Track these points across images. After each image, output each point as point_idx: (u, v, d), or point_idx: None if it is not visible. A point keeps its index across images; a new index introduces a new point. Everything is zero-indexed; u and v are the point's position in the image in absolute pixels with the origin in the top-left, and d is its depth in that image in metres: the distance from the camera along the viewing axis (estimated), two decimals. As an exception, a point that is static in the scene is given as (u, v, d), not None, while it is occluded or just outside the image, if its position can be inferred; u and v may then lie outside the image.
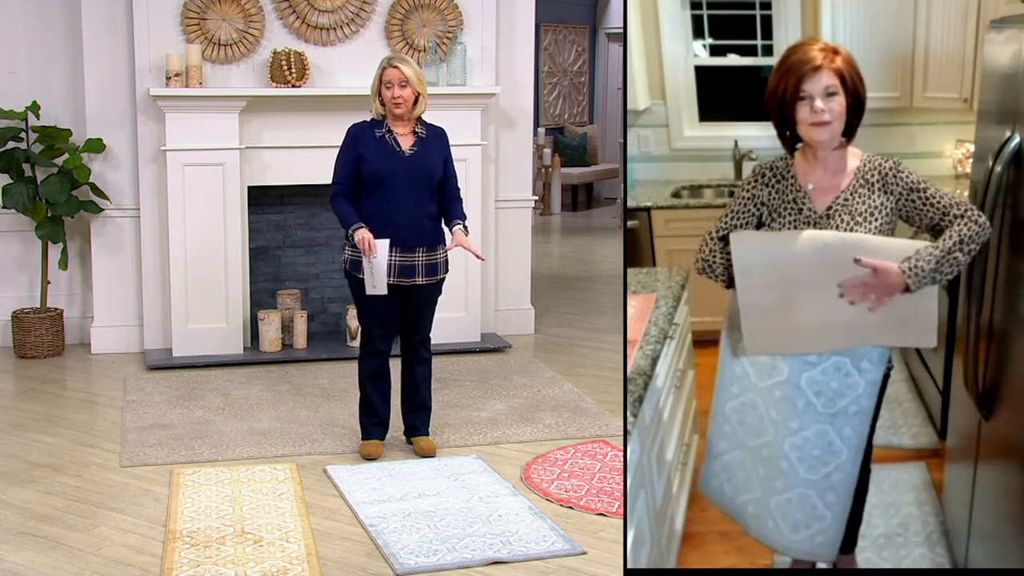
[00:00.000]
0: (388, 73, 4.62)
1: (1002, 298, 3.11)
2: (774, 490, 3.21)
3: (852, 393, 3.11)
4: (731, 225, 3.20)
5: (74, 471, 4.68)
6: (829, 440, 3.13)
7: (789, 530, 3.23)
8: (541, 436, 5.14)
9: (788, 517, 3.22)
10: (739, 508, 3.32)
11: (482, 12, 6.69)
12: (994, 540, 3.31)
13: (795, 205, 3.12)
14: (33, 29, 6.48)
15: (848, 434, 3.14)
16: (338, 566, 3.81)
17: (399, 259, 4.66)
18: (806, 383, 3.11)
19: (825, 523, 3.21)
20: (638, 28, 6.38)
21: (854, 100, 2.99)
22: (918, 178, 3.06)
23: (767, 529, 3.27)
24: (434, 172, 4.72)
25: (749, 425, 3.22)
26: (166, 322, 6.45)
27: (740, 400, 3.21)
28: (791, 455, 3.15)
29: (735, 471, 3.28)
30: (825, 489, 3.18)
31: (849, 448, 3.15)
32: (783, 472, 3.18)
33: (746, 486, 3.27)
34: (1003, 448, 3.14)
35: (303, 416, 5.39)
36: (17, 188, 6.25)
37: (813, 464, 3.15)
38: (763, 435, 3.19)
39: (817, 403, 3.11)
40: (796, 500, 3.19)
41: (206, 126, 6.22)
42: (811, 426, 3.13)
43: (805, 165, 3.13)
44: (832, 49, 2.98)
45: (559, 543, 3.97)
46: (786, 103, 2.99)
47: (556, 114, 13.84)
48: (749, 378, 3.19)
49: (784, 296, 3.04)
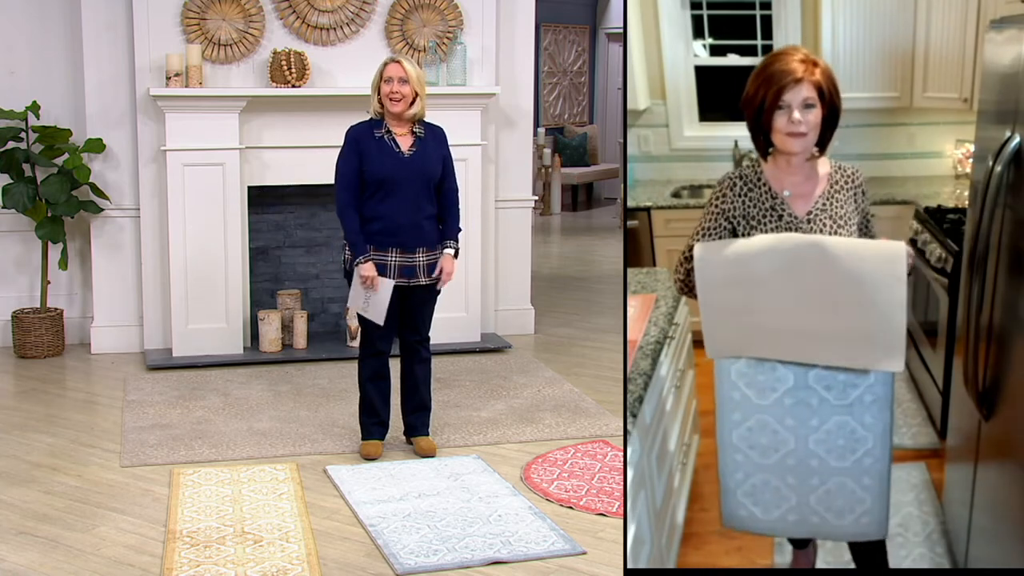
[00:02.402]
0: (389, 68, 4.62)
1: (1002, 298, 3.11)
2: (811, 488, 3.20)
3: (864, 383, 3.10)
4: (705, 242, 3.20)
5: (74, 471, 4.68)
6: (851, 429, 3.12)
7: (834, 518, 3.23)
8: (541, 436, 5.14)
9: (831, 507, 3.21)
10: (777, 524, 3.28)
11: (482, 12, 6.69)
12: (994, 540, 3.31)
13: (774, 212, 3.13)
14: (33, 29, 6.48)
15: (869, 422, 3.12)
16: (338, 566, 3.81)
17: (399, 260, 4.67)
18: (814, 380, 3.11)
19: (867, 505, 3.20)
20: (638, 28, 6.38)
21: (830, 112, 3.05)
22: (870, 207, 3.22)
23: (813, 525, 3.25)
24: (433, 173, 4.72)
25: (762, 446, 3.18)
26: (166, 322, 6.45)
27: (746, 426, 3.18)
28: (818, 450, 3.15)
29: (761, 494, 3.24)
30: (859, 474, 3.17)
31: (874, 435, 3.13)
32: (815, 469, 3.17)
33: (777, 501, 3.23)
34: (1003, 448, 3.14)
35: (303, 416, 5.39)
36: (17, 188, 6.25)
37: (841, 453, 3.15)
38: (782, 447, 3.16)
39: (829, 396, 3.11)
40: (835, 489, 3.19)
41: (206, 126, 6.22)
42: (830, 419, 3.13)
43: (777, 172, 3.16)
44: (812, 61, 3.02)
45: (559, 543, 3.97)
46: (764, 111, 3.03)
47: (556, 114, 13.84)
48: (751, 401, 3.16)
49: (744, 296, 3.04)
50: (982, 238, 3.13)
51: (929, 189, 6.05)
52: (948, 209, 5.44)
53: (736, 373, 3.17)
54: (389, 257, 4.66)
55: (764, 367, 3.14)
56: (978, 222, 3.15)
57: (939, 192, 5.97)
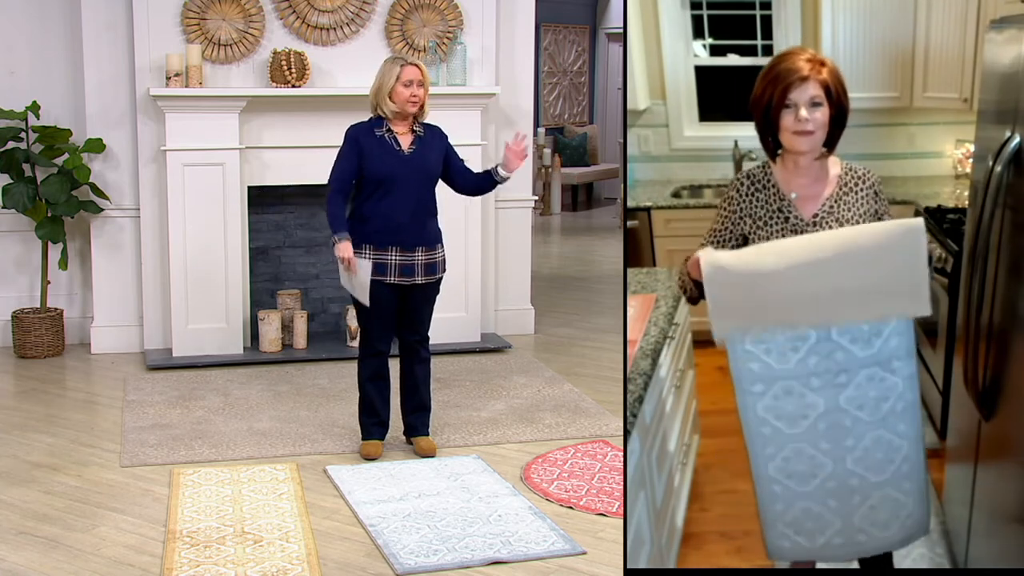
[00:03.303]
0: (408, 71, 4.63)
1: (1002, 298, 3.10)
2: (853, 507, 3.15)
3: (893, 393, 3.05)
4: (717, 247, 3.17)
5: (74, 471, 4.68)
6: (887, 440, 3.08)
7: (880, 531, 3.19)
8: (541, 436, 5.14)
9: (876, 521, 3.17)
10: (824, 549, 3.23)
11: (482, 12, 6.69)
12: (994, 540, 3.31)
13: (780, 214, 3.13)
14: (33, 29, 6.48)
15: (903, 430, 3.08)
16: (338, 566, 3.81)
17: (399, 259, 4.67)
18: (845, 402, 3.04)
19: (909, 508, 3.17)
20: (638, 28, 6.38)
21: (837, 111, 3.04)
22: (888, 208, 3.20)
23: (860, 544, 3.21)
24: (434, 171, 4.73)
25: (800, 474, 3.13)
26: (166, 322, 6.45)
27: (781, 456, 3.13)
28: (857, 469, 3.10)
29: (803, 522, 3.20)
30: (900, 481, 3.13)
31: (908, 440, 3.09)
32: (856, 488, 3.12)
33: (821, 526, 3.19)
34: (1003, 448, 3.14)
35: (303, 416, 5.39)
36: (17, 188, 6.25)
37: (881, 466, 3.10)
38: (820, 472, 3.12)
39: (863, 415, 3.05)
40: (878, 503, 3.15)
41: (206, 126, 6.22)
42: (866, 436, 3.07)
43: (786, 173, 3.15)
44: (819, 60, 3.02)
45: (559, 543, 3.97)
46: (771, 110, 3.03)
47: (556, 114, 13.84)
48: (782, 432, 3.09)
49: (754, 282, 2.92)
50: (982, 238, 3.13)
51: (929, 189, 6.05)
52: (948, 209, 5.44)
53: (764, 408, 3.07)
54: (388, 256, 4.66)
55: (791, 398, 3.06)
56: (978, 222, 3.15)
57: (939, 192, 5.97)
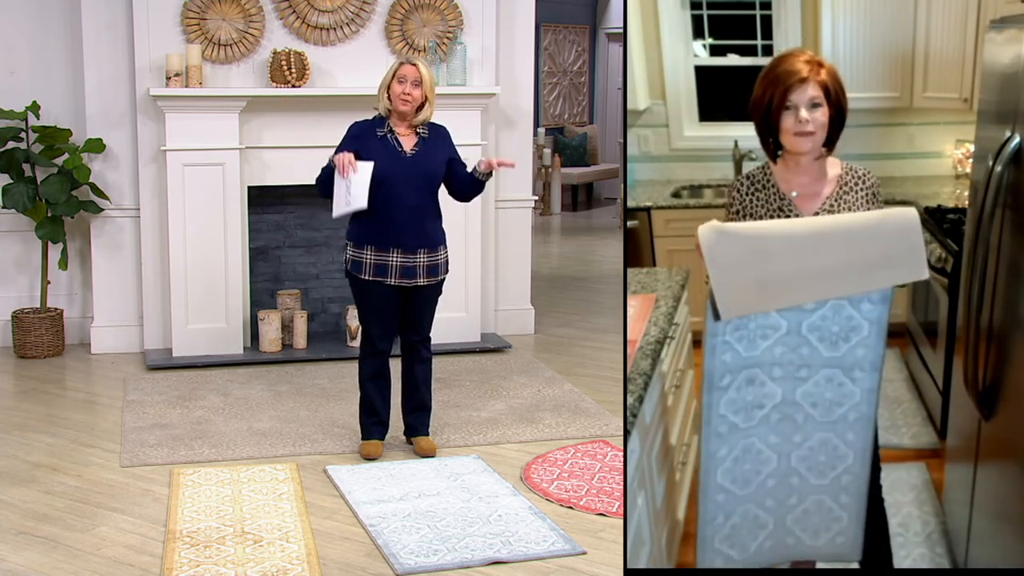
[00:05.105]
0: (405, 68, 4.62)
1: (1002, 298, 3.11)
2: (789, 508, 3.18)
3: (849, 401, 3.10)
4: None
5: (74, 471, 4.68)
6: (833, 445, 3.12)
7: (810, 538, 3.22)
8: (541, 436, 5.13)
9: (807, 526, 3.20)
10: (752, 558, 3.24)
11: (482, 12, 6.69)
12: (994, 540, 3.31)
13: (781, 213, 3.16)
14: (33, 29, 6.48)
15: (851, 439, 3.13)
16: (338, 566, 3.81)
17: (400, 260, 4.66)
18: (801, 397, 3.09)
19: (843, 524, 3.20)
20: (638, 28, 6.38)
21: (836, 112, 3.07)
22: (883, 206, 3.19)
23: (788, 547, 3.24)
24: (436, 173, 4.72)
25: (744, 475, 3.11)
26: (166, 322, 6.45)
27: (731, 457, 3.13)
28: (800, 467, 3.13)
29: (740, 531, 3.19)
30: (837, 491, 3.16)
31: (855, 452, 3.14)
32: (795, 487, 3.15)
33: (755, 531, 3.21)
34: (1003, 448, 3.14)
35: (303, 416, 5.39)
36: (17, 188, 6.25)
37: (822, 469, 3.14)
38: (764, 468, 3.14)
39: (815, 413, 3.10)
40: (812, 508, 3.18)
41: (206, 126, 6.22)
42: (814, 435, 3.11)
43: (787, 173, 3.18)
44: (817, 62, 3.06)
45: (559, 543, 3.97)
46: (771, 112, 3.06)
47: (556, 114, 13.84)
48: (737, 428, 3.08)
49: (755, 261, 2.92)
50: (982, 238, 3.13)
51: (929, 189, 6.05)
52: (948, 209, 5.44)
53: (725, 404, 3.05)
54: (390, 257, 4.65)
55: (752, 388, 3.08)
56: (978, 222, 3.15)
57: (939, 192, 5.97)
